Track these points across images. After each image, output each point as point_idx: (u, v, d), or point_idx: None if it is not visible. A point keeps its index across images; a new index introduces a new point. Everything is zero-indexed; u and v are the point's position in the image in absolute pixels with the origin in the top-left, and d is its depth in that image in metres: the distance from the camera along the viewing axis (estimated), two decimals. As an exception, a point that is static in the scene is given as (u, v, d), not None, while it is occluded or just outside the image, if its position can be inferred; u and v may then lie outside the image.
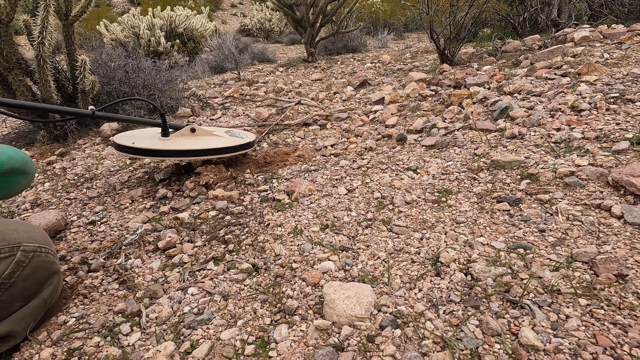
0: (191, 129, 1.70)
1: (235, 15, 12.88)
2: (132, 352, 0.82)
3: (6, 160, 0.95)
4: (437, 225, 1.15)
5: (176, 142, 1.62)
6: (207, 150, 1.59)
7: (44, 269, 0.87)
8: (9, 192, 1.02)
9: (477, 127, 1.77)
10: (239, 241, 1.22)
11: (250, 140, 1.78)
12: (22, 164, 1.00)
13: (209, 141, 1.66)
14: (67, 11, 2.27)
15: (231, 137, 1.78)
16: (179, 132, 1.69)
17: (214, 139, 1.70)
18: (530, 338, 0.71)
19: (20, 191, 1.06)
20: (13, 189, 1.02)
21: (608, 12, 3.77)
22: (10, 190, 1.01)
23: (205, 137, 1.72)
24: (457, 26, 3.01)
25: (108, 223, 1.42)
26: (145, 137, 1.68)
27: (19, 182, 1.01)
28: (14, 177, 0.99)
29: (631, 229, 0.98)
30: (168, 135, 1.66)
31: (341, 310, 0.83)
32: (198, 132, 1.72)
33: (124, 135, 1.71)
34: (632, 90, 1.68)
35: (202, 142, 1.63)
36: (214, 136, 1.75)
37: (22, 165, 1.00)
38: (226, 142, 1.68)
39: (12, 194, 1.03)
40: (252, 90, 3.47)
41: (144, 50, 5.04)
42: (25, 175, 1.02)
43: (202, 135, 1.73)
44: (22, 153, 1.02)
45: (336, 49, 5.38)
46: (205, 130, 1.75)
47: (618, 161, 1.24)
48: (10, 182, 0.99)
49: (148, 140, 1.62)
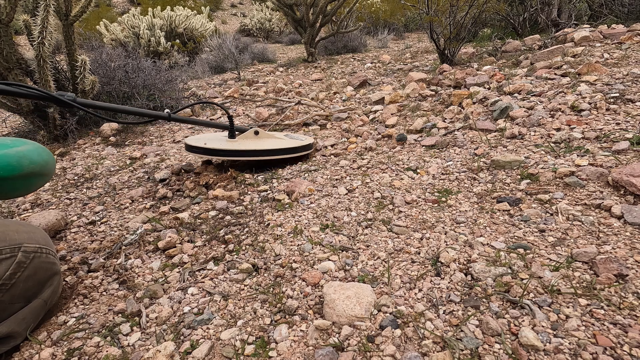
0: (255, 131, 1.81)
1: (235, 15, 12.88)
2: (132, 352, 0.82)
3: (27, 165, 0.96)
4: (437, 225, 1.15)
5: (242, 143, 1.73)
6: (272, 150, 1.71)
7: (44, 269, 0.87)
8: (24, 193, 1.04)
9: (477, 127, 1.77)
10: (239, 241, 1.22)
11: (310, 142, 1.87)
12: (42, 167, 1.01)
13: (272, 142, 1.77)
14: (67, 11, 2.27)
15: (291, 140, 1.87)
16: (244, 134, 1.79)
17: (277, 141, 1.81)
18: (530, 338, 0.71)
19: (35, 190, 1.08)
20: (29, 190, 1.04)
21: (608, 12, 3.77)
22: (25, 191, 1.03)
23: (268, 139, 1.83)
24: (457, 26, 3.01)
25: (108, 223, 1.42)
26: (215, 139, 1.81)
27: (36, 183, 1.03)
28: (32, 180, 1.00)
29: (631, 229, 0.98)
30: (234, 137, 1.77)
31: (341, 310, 0.83)
32: (261, 134, 1.83)
33: (194, 138, 1.84)
34: (632, 90, 1.68)
35: (267, 143, 1.74)
36: (276, 138, 1.86)
37: (42, 169, 1.01)
38: (288, 143, 1.79)
39: (26, 193, 1.06)
40: (252, 90, 3.47)
41: (144, 50, 5.04)
42: (44, 177, 1.04)
43: (264, 138, 1.83)
44: (45, 155, 1.03)
45: (336, 49, 5.38)
46: (267, 134, 1.87)
47: (618, 161, 1.24)
48: (28, 184, 1.00)
49: (218, 142, 1.75)
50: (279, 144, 1.77)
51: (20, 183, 0.97)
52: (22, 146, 0.98)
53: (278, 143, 1.77)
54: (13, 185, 0.96)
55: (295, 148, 1.78)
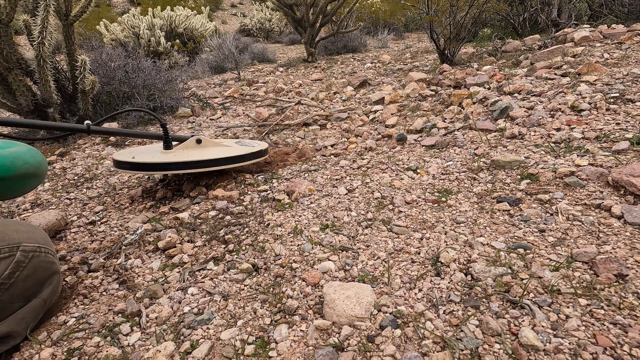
0: (197, 140, 1.62)
1: (235, 15, 12.88)
2: (132, 352, 0.82)
3: (21, 165, 0.96)
4: (437, 225, 1.15)
5: (181, 154, 1.55)
6: (214, 160, 1.52)
7: (43, 269, 0.87)
8: (18, 194, 1.04)
9: (477, 127, 1.77)
10: (239, 241, 1.22)
11: (262, 149, 1.72)
12: (35, 168, 1.01)
13: (217, 151, 1.59)
14: (67, 11, 2.27)
15: (241, 147, 1.71)
16: (183, 144, 1.61)
17: (222, 149, 1.64)
18: (530, 338, 0.71)
19: (29, 191, 1.08)
20: (23, 190, 1.04)
21: (608, 12, 3.77)
22: (20, 192, 1.04)
23: (213, 147, 1.65)
24: (457, 26, 3.01)
25: (108, 223, 1.42)
26: (147, 151, 1.61)
27: (30, 184, 1.04)
28: (25, 181, 1.00)
29: (631, 229, 0.98)
30: (171, 148, 1.58)
31: (341, 310, 0.83)
32: (205, 143, 1.64)
33: (123, 152, 1.64)
34: (632, 90, 1.68)
35: (210, 153, 1.57)
36: (222, 146, 1.68)
37: (36, 169, 1.02)
38: (236, 151, 1.63)
39: (20, 194, 1.06)
40: (252, 90, 3.47)
41: (144, 50, 5.04)
42: (37, 177, 1.04)
43: (209, 147, 1.65)
44: (38, 156, 1.04)
45: (336, 49, 5.38)
46: (212, 142, 1.68)
47: (618, 161, 1.24)
48: (21, 185, 1.01)
49: (149, 154, 1.54)
50: (224, 152, 1.58)
51: (14, 184, 0.97)
52: (15, 147, 0.98)
53: (223, 151, 1.59)
54: (6, 186, 0.96)
55: (243, 156, 1.60)
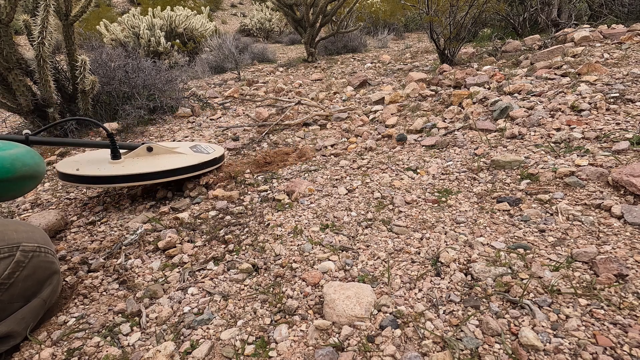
0: (148, 147, 1.53)
1: (235, 15, 12.88)
2: (132, 352, 0.82)
3: (20, 168, 0.97)
4: (437, 225, 1.15)
5: (129, 164, 1.45)
6: (165, 172, 1.42)
7: (43, 269, 0.87)
8: (16, 195, 1.05)
9: (477, 127, 1.77)
10: (239, 241, 1.22)
11: (217, 156, 1.63)
12: (34, 170, 1.02)
13: (168, 161, 1.50)
14: (67, 11, 2.27)
15: (196, 154, 1.61)
16: (133, 152, 1.52)
17: (176, 158, 1.54)
18: (530, 338, 0.71)
19: (27, 193, 1.08)
20: (21, 192, 1.05)
21: (608, 12, 3.77)
22: (18, 193, 1.05)
23: (165, 155, 1.55)
24: (457, 26, 3.01)
25: (108, 223, 1.42)
26: (94, 161, 1.50)
27: (28, 186, 1.04)
28: (24, 182, 1.01)
29: (631, 229, 0.98)
30: (119, 157, 1.48)
31: (341, 310, 0.83)
32: (156, 150, 1.54)
33: (68, 161, 1.52)
34: (632, 90, 1.68)
35: (161, 163, 1.47)
36: (175, 154, 1.58)
37: (34, 171, 1.02)
38: (189, 160, 1.53)
39: (19, 196, 1.07)
40: (252, 90, 3.48)
41: (144, 50, 5.04)
42: (35, 179, 1.05)
43: (161, 154, 1.55)
44: (37, 158, 1.04)
45: (336, 49, 5.38)
46: (165, 148, 1.58)
47: (618, 161, 1.24)
48: (20, 186, 1.01)
49: (95, 165, 1.43)
50: (176, 162, 1.49)
51: (13, 185, 0.98)
52: (14, 149, 0.99)
53: (176, 161, 1.50)
54: (6, 188, 0.97)
55: (197, 165, 1.52)
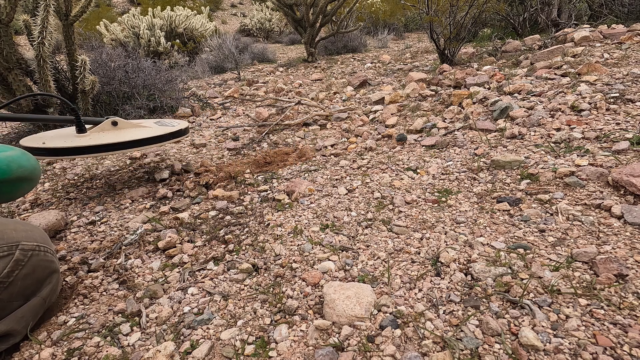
0: (112, 122, 1.58)
1: (235, 15, 12.88)
2: (132, 352, 0.82)
3: (16, 169, 0.97)
4: (437, 225, 1.15)
5: (95, 137, 1.49)
6: (131, 142, 1.47)
7: (42, 267, 0.87)
8: (11, 197, 1.04)
9: (477, 127, 1.77)
10: (239, 241, 1.22)
11: (181, 128, 1.68)
12: (30, 172, 1.02)
13: (134, 133, 1.55)
14: (67, 11, 2.27)
15: (160, 127, 1.66)
16: (98, 127, 1.56)
17: (140, 130, 1.60)
18: (530, 338, 0.71)
19: (22, 195, 1.09)
20: (17, 194, 1.04)
21: (608, 12, 3.77)
22: (13, 195, 1.04)
23: (130, 129, 1.61)
24: (457, 26, 3.01)
25: (108, 223, 1.42)
26: (60, 135, 1.53)
27: (23, 188, 1.04)
28: (20, 184, 1.01)
29: (631, 229, 0.98)
30: (85, 131, 1.52)
31: (341, 310, 0.83)
32: (121, 125, 1.60)
33: (34, 137, 1.54)
34: (632, 90, 1.68)
35: (126, 135, 1.52)
36: (139, 127, 1.64)
37: (30, 173, 1.02)
38: (153, 132, 1.58)
39: (14, 198, 1.07)
40: (252, 90, 3.48)
41: (144, 50, 5.04)
42: (31, 181, 1.05)
43: (127, 128, 1.61)
44: (32, 160, 1.04)
45: (336, 49, 5.38)
46: (130, 123, 1.64)
47: (618, 161, 1.24)
48: (16, 188, 1.01)
49: (61, 138, 1.47)
50: (142, 133, 1.55)
51: (8, 187, 0.98)
52: (10, 151, 0.99)
53: (141, 132, 1.56)
54: (1, 190, 0.97)
55: (163, 136, 1.57)
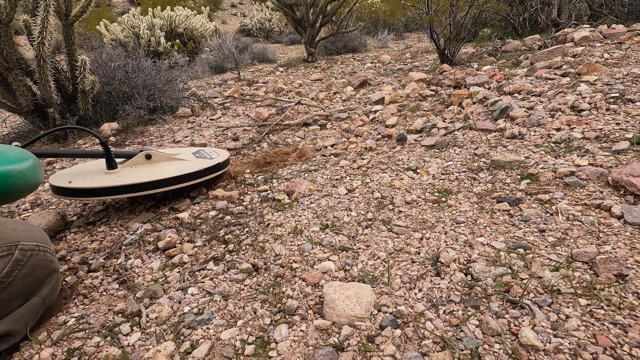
0: (146, 155, 1.44)
1: (235, 15, 12.88)
2: (132, 352, 0.82)
3: (22, 186, 0.94)
4: (437, 225, 1.15)
5: (125, 174, 1.36)
6: (164, 180, 1.34)
7: (42, 267, 0.87)
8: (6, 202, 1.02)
9: (477, 127, 1.77)
10: (239, 241, 1.22)
11: (220, 161, 1.55)
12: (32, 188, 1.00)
13: (168, 168, 1.42)
14: (67, 11, 2.27)
15: (198, 160, 1.54)
16: (130, 161, 1.44)
17: (176, 165, 1.46)
18: (530, 338, 0.71)
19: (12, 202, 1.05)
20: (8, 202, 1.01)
21: (608, 12, 3.77)
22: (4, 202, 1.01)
23: (164, 162, 1.48)
24: (457, 26, 3.01)
25: (108, 223, 1.42)
26: (88, 172, 1.41)
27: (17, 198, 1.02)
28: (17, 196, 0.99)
29: (631, 229, 0.98)
30: (115, 167, 1.40)
31: (341, 310, 0.83)
32: (155, 157, 1.46)
33: (62, 174, 1.42)
34: (632, 90, 1.68)
35: (160, 171, 1.39)
36: (175, 160, 1.50)
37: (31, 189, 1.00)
38: (191, 166, 1.45)
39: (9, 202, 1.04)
40: (252, 90, 3.48)
41: (144, 50, 5.04)
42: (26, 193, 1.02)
43: (160, 161, 1.47)
44: (39, 175, 1.01)
45: (336, 49, 5.38)
46: (165, 155, 1.49)
47: (618, 161, 1.24)
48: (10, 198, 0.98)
49: (89, 176, 1.35)
50: (178, 169, 1.42)
51: (5, 198, 0.96)
52: (24, 164, 0.95)
53: (178, 168, 1.43)
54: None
55: (200, 172, 1.45)
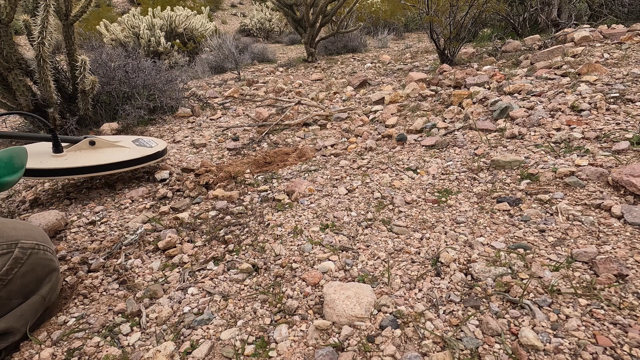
0: (90, 141, 1.56)
1: (235, 15, 12.88)
2: (132, 352, 0.82)
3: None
4: (437, 225, 1.15)
5: (71, 157, 1.48)
6: (106, 165, 1.47)
7: (42, 266, 0.87)
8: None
9: (477, 127, 1.77)
10: (239, 241, 1.22)
11: (159, 150, 1.67)
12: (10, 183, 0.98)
13: (110, 155, 1.55)
14: (67, 11, 2.27)
15: (138, 147, 1.65)
16: (75, 146, 1.55)
17: (117, 152, 1.58)
18: (530, 338, 0.71)
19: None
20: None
21: (608, 12, 3.77)
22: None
23: (108, 149, 1.59)
24: (457, 26, 3.01)
25: (108, 223, 1.42)
26: (35, 154, 1.50)
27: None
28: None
29: (631, 229, 0.98)
30: (61, 151, 1.50)
31: (341, 310, 0.83)
32: (99, 144, 1.58)
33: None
34: (632, 90, 1.68)
35: (103, 156, 1.52)
36: (117, 147, 1.62)
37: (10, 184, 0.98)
38: (131, 154, 1.58)
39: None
40: (252, 90, 3.48)
41: (144, 50, 5.04)
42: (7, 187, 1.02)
43: (103, 148, 1.59)
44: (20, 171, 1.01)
45: (336, 49, 5.38)
46: (107, 142, 1.62)
47: (618, 161, 1.24)
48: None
49: (37, 158, 1.45)
50: (117, 155, 1.54)
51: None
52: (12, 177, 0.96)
53: (117, 155, 1.55)
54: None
55: (140, 159, 1.57)
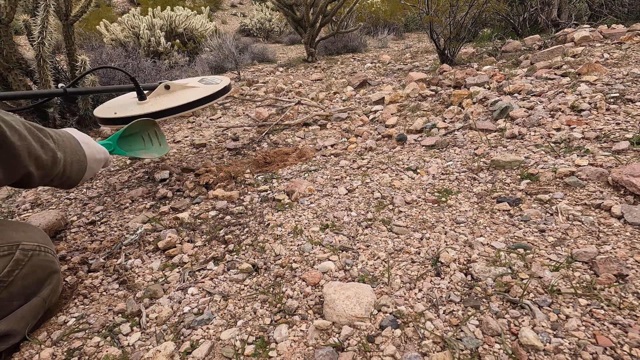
0: (165, 85, 1.69)
1: (235, 15, 12.88)
2: (132, 352, 0.82)
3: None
4: (437, 225, 1.15)
5: (155, 102, 1.61)
6: (187, 104, 1.60)
7: (43, 268, 0.87)
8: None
9: (477, 127, 1.77)
10: (239, 241, 1.22)
11: (226, 85, 1.77)
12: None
13: (186, 95, 1.66)
14: (67, 11, 2.27)
15: (207, 86, 1.76)
16: (154, 92, 1.68)
17: (190, 92, 1.69)
18: (530, 338, 0.71)
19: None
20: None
21: (608, 12, 3.77)
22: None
23: (181, 91, 1.71)
24: (457, 26, 3.01)
25: (108, 223, 1.42)
26: (124, 104, 1.66)
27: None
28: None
29: (631, 229, 0.98)
30: (145, 98, 1.64)
31: (341, 310, 0.83)
32: (173, 87, 1.70)
33: (103, 108, 1.68)
34: (632, 90, 1.68)
35: (180, 97, 1.64)
36: (189, 89, 1.73)
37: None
38: (203, 92, 1.68)
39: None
40: (252, 90, 3.48)
41: (144, 50, 5.04)
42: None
43: (177, 91, 1.71)
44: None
45: (336, 49, 5.38)
46: (179, 85, 1.74)
47: (618, 161, 1.24)
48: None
49: (128, 107, 1.61)
50: (194, 94, 1.66)
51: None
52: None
53: (193, 94, 1.66)
54: None
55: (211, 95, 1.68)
